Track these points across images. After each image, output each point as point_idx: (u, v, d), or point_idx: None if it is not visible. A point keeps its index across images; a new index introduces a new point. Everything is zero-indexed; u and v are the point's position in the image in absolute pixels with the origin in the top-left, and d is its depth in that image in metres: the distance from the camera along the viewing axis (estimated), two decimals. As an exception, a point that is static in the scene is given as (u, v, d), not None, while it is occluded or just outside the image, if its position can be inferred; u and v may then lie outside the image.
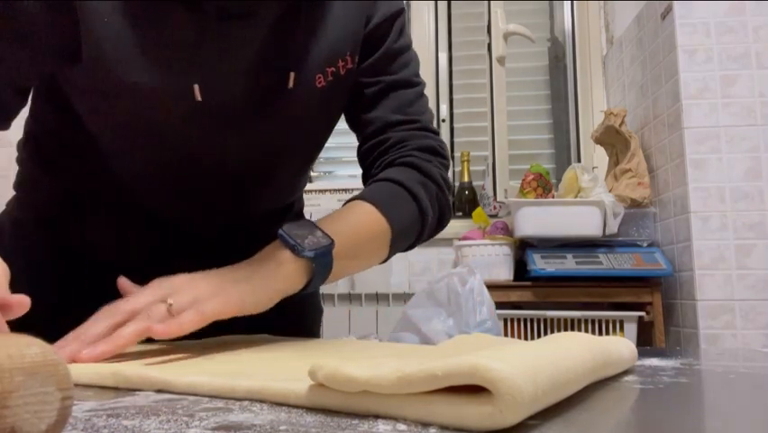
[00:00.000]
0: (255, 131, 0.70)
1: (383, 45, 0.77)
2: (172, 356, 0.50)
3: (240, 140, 0.70)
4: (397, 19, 0.78)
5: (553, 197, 2.09)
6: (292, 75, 0.68)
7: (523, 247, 2.06)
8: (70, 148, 0.72)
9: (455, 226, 2.47)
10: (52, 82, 0.69)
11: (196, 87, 0.63)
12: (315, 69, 0.69)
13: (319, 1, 0.70)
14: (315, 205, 2.39)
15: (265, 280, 0.59)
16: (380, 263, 0.74)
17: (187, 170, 0.70)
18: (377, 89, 0.77)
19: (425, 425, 0.29)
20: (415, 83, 0.80)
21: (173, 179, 0.71)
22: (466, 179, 2.61)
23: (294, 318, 0.86)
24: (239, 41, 0.65)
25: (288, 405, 0.33)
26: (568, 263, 1.93)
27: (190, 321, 0.52)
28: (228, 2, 0.62)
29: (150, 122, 0.65)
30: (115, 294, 0.61)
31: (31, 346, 0.22)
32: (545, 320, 1.94)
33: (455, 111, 2.76)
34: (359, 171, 0.83)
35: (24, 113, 0.73)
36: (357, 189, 0.83)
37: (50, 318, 0.70)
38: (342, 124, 0.81)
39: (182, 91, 0.63)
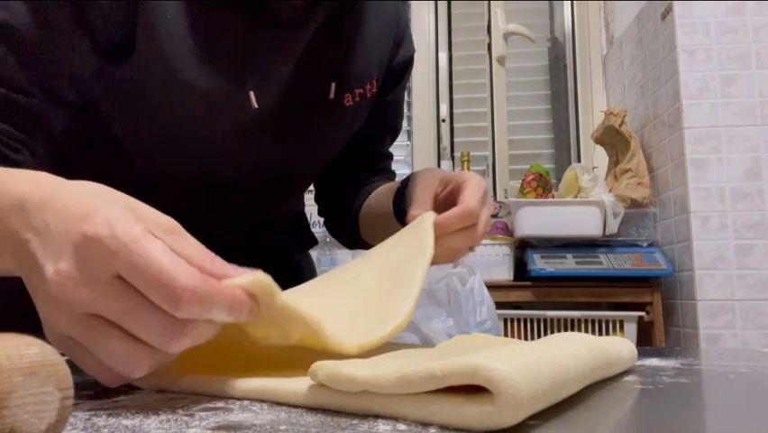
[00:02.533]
0: (291, 140, 0.70)
1: (397, 85, 0.82)
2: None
3: (277, 148, 0.70)
4: (412, 64, 0.84)
5: (553, 197, 2.09)
6: (333, 86, 0.69)
7: (523, 247, 2.06)
8: (86, 150, 0.71)
9: (455, 226, 2.47)
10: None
11: (252, 93, 0.63)
12: (344, 88, 0.71)
13: (358, 14, 0.71)
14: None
15: None
16: None
17: (217, 175, 0.69)
18: (383, 126, 0.84)
19: (425, 425, 0.28)
20: (399, 130, 0.90)
21: (198, 184, 0.70)
22: (466, 179, 2.61)
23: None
24: (286, 49, 0.66)
25: (288, 405, 0.33)
26: (568, 263, 1.93)
27: None
28: (282, 9, 0.63)
29: (199, 124, 0.64)
30: None
31: (30, 346, 0.22)
32: (545, 320, 1.94)
33: (455, 111, 2.76)
34: None
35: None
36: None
37: None
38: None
39: (239, 97, 0.63)
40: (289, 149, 0.71)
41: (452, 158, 2.71)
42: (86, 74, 0.60)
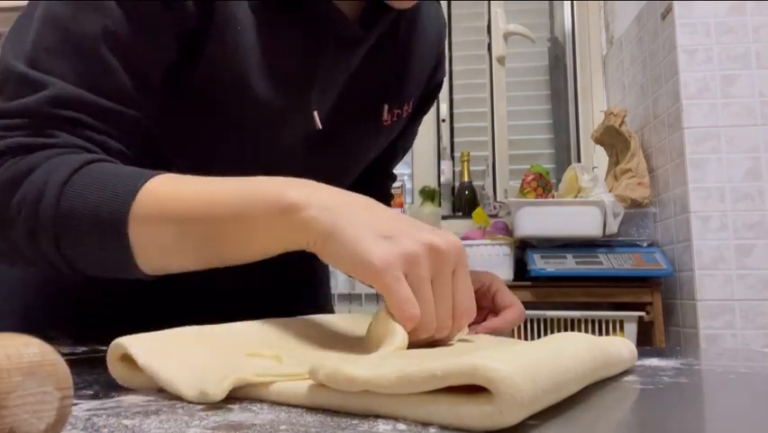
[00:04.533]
0: (335, 157, 0.70)
1: (426, 106, 0.82)
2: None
3: (321, 164, 0.69)
4: (441, 88, 0.84)
5: (553, 197, 2.09)
6: (386, 107, 0.69)
7: (523, 247, 2.06)
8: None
9: (455, 226, 2.47)
10: None
11: (316, 114, 0.63)
12: (390, 107, 0.71)
13: (409, 34, 0.71)
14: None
15: None
16: None
17: None
18: (395, 144, 0.83)
19: (425, 425, 0.28)
20: (409, 149, 0.91)
21: None
22: (466, 179, 2.61)
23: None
24: (344, 67, 0.65)
25: (288, 405, 0.33)
26: (568, 263, 1.93)
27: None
28: (343, 28, 0.62)
29: (261, 136, 0.63)
30: (160, 301, 0.62)
31: (29, 346, 0.22)
32: (545, 320, 1.94)
33: (455, 111, 2.77)
34: None
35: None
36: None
37: (98, 323, 0.70)
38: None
39: (304, 115, 0.63)
40: (330, 165, 0.70)
41: (452, 158, 2.71)
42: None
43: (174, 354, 0.38)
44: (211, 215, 0.48)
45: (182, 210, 0.48)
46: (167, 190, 0.49)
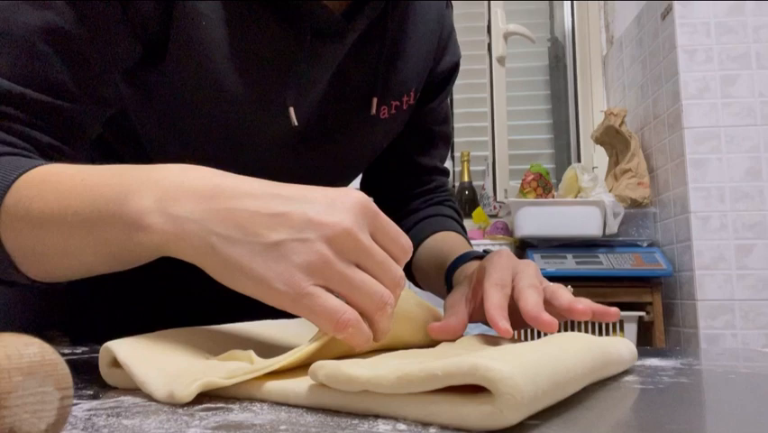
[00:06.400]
0: (323, 153, 0.69)
1: (443, 92, 0.82)
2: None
3: (308, 159, 0.68)
4: (458, 69, 0.84)
5: (553, 197, 2.09)
6: (375, 100, 0.68)
7: (523, 247, 2.06)
8: (104, 149, 0.68)
9: (455, 226, 2.47)
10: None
11: (292, 110, 0.61)
12: (382, 101, 0.69)
13: (400, 24, 0.70)
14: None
15: None
16: None
17: None
18: (430, 136, 0.83)
19: (425, 425, 0.28)
20: (450, 137, 0.91)
21: None
22: (466, 179, 2.61)
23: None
24: (327, 61, 0.63)
25: (288, 405, 0.33)
26: (568, 263, 1.93)
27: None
28: (323, 19, 0.60)
29: (233, 132, 0.62)
30: (161, 302, 0.61)
31: (29, 346, 0.22)
32: (545, 320, 1.94)
33: (455, 111, 2.76)
34: None
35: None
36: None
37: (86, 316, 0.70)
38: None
39: (278, 112, 0.61)
40: (319, 161, 0.69)
41: (452, 158, 2.71)
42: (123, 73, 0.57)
43: (152, 355, 0.38)
44: (61, 221, 0.43)
45: (40, 213, 0.43)
46: (37, 186, 0.44)
